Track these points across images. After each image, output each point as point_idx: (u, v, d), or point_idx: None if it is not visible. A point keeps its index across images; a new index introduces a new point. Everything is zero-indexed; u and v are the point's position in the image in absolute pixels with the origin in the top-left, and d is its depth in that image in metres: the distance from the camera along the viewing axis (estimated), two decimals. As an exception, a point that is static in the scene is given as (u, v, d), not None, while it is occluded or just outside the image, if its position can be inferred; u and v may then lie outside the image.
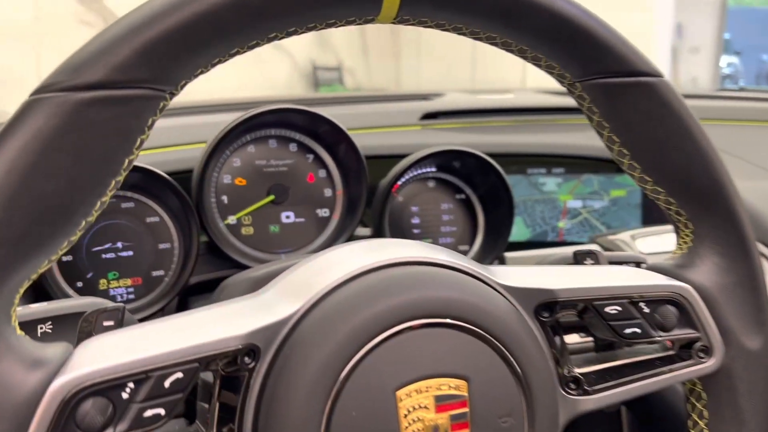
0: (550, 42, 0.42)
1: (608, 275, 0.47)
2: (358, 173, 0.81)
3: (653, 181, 0.46)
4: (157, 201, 0.73)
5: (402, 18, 0.40)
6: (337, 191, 0.83)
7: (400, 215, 0.83)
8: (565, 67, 0.44)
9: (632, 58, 0.43)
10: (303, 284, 0.39)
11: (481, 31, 0.42)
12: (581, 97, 0.45)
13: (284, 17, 0.37)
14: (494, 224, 0.83)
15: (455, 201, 0.84)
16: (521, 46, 0.43)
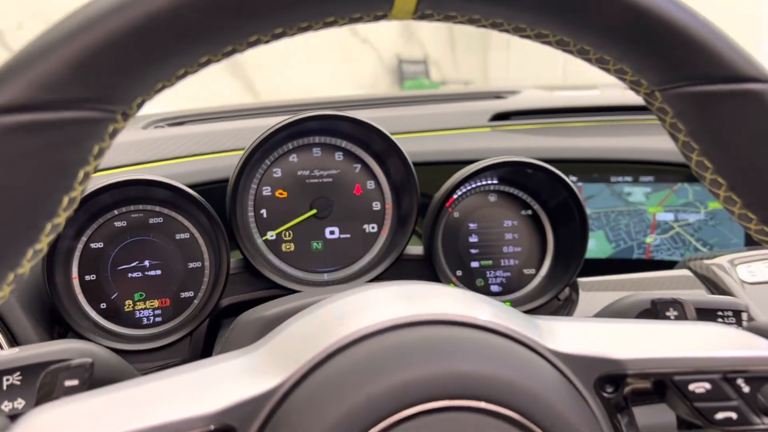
0: (618, 39, 0.32)
1: (695, 339, 0.36)
2: (408, 185, 0.72)
3: (758, 219, 0.35)
4: (187, 216, 0.67)
5: (423, 13, 0.32)
6: (387, 205, 0.75)
7: (455, 233, 0.74)
8: (640, 72, 0.34)
9: (733, 58, 0.32)
10: (296, 345, 0.32)
11: (527, 27, 0.33)
12: (662, 110, 0.34)
13: (267, 15, 0.29)
14: (566, 245, 0.73)
15: (520, 217, 0.74)
16: (581, 45, 0.33)
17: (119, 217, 0.65)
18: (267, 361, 0.32)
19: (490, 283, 0.74)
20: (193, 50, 0.29)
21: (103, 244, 0.65)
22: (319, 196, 0.74)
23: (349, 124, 0.71)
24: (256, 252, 0.71)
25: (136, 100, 0.29)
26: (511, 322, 0.34)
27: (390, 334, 0.32)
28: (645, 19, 0.31)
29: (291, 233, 0.73)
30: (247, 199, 0.72)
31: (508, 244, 0.74)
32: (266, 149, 0.72)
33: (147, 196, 0.66)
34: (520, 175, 0.72)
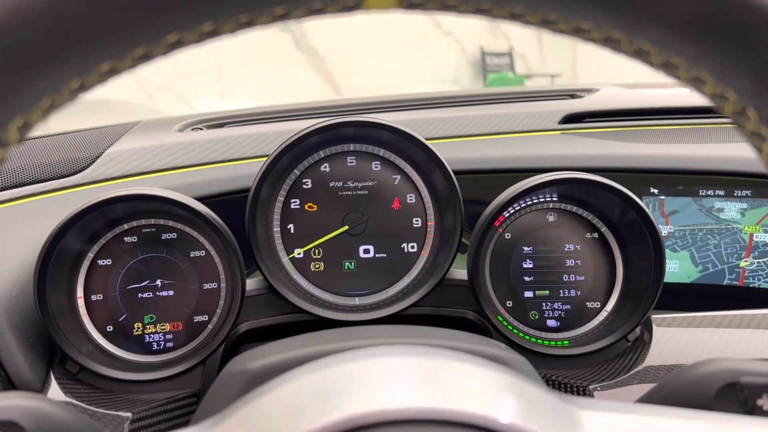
0: (691, 33, 0.23)
1: None
2: (451, 199, 0.63)
3: None
4: (203, 233, 0.61)
5: (412, 2, 0.23)
6: (429, 221, 0.66)
7: (507, 257, 0.64)
8: (725, 79, 0.24)
9: None
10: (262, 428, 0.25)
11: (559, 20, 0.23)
12: (757, 135, 0.24)
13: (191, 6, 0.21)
14: (638, 275, 0.61)
15: (584, 240, 0.63)
16: (638, 44, 0.24)
17: (129, 231, 0.60)
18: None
19: (547, 317, 0.64)
20: (87, 54, 0.21)
21: (111, 260, 0.59)
22: (353, 210, 0.66)
23: (387, 131, 0.63)
24: (280, 271, 0.64)
25: (15, 122, 0.22)
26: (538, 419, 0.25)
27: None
28: (728, 6, 0.21)
29: (321, 251, 0.66)
30: (273, 213, 0.65)
31: (569, 272, 0.64)
32: (295, 157, 0.65)
33: (160, 210, 0.60)
34: (584, 192, 0.61)
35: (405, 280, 0.66)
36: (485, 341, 0.43)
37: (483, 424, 0.25)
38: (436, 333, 0.43)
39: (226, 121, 0.91)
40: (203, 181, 0.74)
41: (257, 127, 0.87)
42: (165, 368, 0.58)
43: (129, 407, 0.54)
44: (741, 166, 0.83)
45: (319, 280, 0.66)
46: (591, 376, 0.58)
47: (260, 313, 0.64)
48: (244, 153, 0.79)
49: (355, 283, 0.66)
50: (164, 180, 0.73)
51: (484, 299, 0.62)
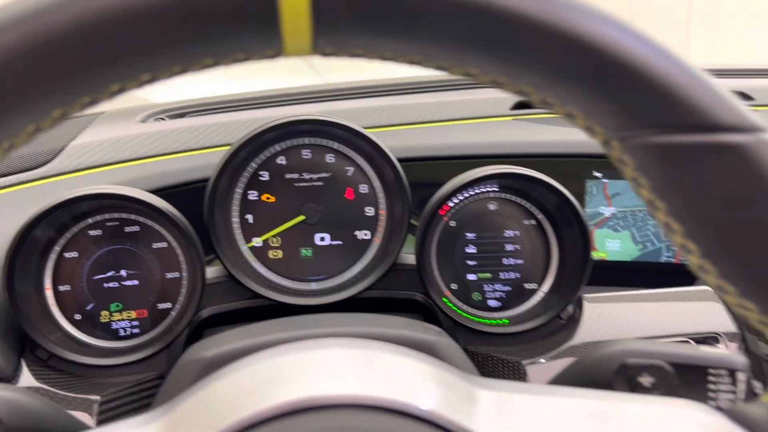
0: (561, 79, 0.27)
1: (659, 427, 0.31)
2: (399, 190, 0.67)
3: (738, 292, 0.29)
4: (164, 225, 0.64)
5: (324, 51, 0.27)
6: (380, 210, 0.70)
7: (452, 243, 0.68)
8: (592, 117, 0.28)
9: (708, 102, 0.26)
10: (199, 419, 0.29)
11: (452, 66, 0.27)
12: (622, 162, 0.29)
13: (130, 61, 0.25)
14: (571, 258, 0.66)
15: (523, 227, 0.68)
16: (519, 86, 0.28)
17: (94, 225, 0.63)
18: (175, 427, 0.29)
19: (488, 298, 0.69)
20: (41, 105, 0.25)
21: (77, 253, 0.63)
22: (309, 200, 0.70)
23: (338, 128, 0.67)
24: (239, 260, 0.68)
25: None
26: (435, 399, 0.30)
27: (293, 420, 0.28)
28: (592, 55, 0.26)
29: (278, 239, 0.70)
30: (232, 204, 0.69)
31: (509, 256, 0.69)
32: (252, 151, 0.68)
33: (122, 205, 0.63)
34: (521, 183, 0.66)
35: (359, 265, 0.70)
36: (420, 327, 0.47)
37: (381, 405, 0.29)
38: (376, 320, 0.48)
39: (188, 110, 0.94)
40: (165, 171, 0.77)
41: (219, 116, 0.90)
42: (131, 353, 0.62)
43: (98, 391, 0.58)
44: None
45: (278, 267, 0.70)
46: (526, 352, 0.64)
47: (222, 299, 0.68)
48: (205, 143, 0.82)
49: (312, 269, 0.70)
50: (127, 172, 0.76)
51: (430, 283, 0.66)
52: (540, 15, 0.25)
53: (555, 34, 0.25)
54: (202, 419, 0.29)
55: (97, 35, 0.23)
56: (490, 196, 0.68)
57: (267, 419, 0.28)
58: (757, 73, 1.11)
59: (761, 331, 0.29)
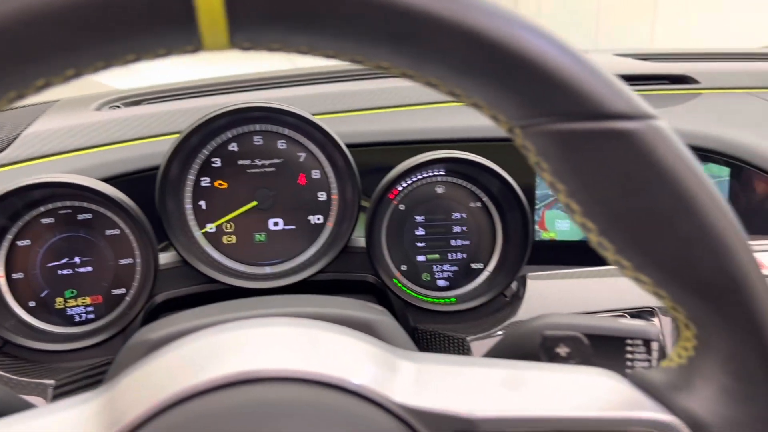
0: (464, 73, 0.29)
1: (564, 393, 0.33)
2: (349, 175, 0.69)
3: (633, 266, 0.31)
4: (116, 212, 0.65)
5: (242, 46, 0.28)
6: (333, 195, 0.72)
7: (401, 226, 0.71)
8: (495, 107, 0.30)
9: (598, 92, 0.28)
10: (129, 399, 0.31)
11: (366, 60, 0.29)
12: (525, 148, 0.31)
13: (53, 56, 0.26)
14: (514, 238, 0.69)
15: (469, 209, 0.71)
16: (427, 79, 0.30)
17: (47, 213, 0.64)
18: (102, 413, 0.30)
19: (437, 278, 0.71)
20: None
21: (30, 241, 0.64)
22: (262, 186, 0.71)
23: (289, 116, 0.68)
24: (192, 245, 0.69)
25: None
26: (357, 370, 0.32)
27: (210, 397, 0.30)
28: (491, 50, 0.28)
29: (232, 225, 0.71)
30: (184, 190, 0.70)
31: (456, 238, 0.71)
32: (203, 137, 0.69)
33: (74, 193, 0.64)
34: (467, 167, 0.68)
35: (312, 249, 0.72)
36: (361, 306, 0.49)
37: (305, 377, 0.31)
38: (319, 301, 0.50)
39: (144, 98, 0.94)
40: (119, 159, 0.78)
41: (174, 103, 0.91)
42: (87, 338, 0.64)
43: (53, 376, 0.59)
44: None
45: (232, 252, 0.71)
46: (472, 329, 0.66)
47: (177, 284, 0.69)
48: (159, 130, 0.83)
49: (266, 254, 0.72)
50: (81, 160, 0.77)
51: (380, 265, 0.69)
52: (441, 12, 0.27)
53: (456, 31, 0.27)
54: (139, 394, 0.31)
55: (19, 34, 0.25)
56: (438, 180, 0.70)
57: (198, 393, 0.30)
58: (702, 57, 1.15)
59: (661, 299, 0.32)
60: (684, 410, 0.32)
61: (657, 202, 0.29)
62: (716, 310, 0.30)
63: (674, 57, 1.15)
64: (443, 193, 0.70)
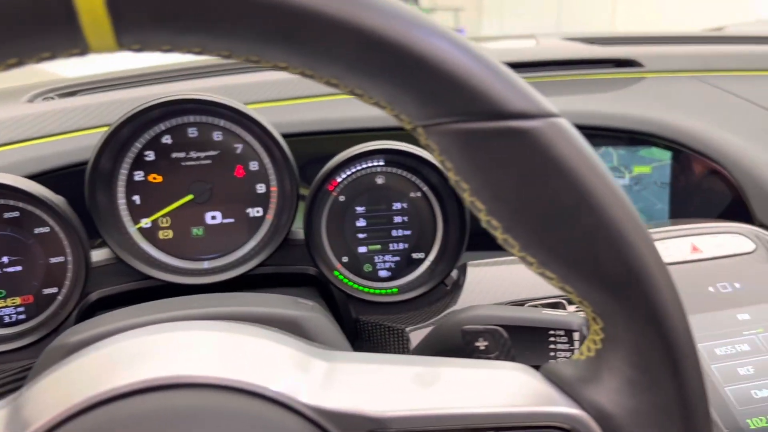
0: (363, 73, 0.28)
1: (477, 388, 0.33)
2: (286, 166, 0.68)
3: (538, 263, 0.31)
4: (45, 209, 0.63)
5: (131, 47, 0.27)
6: (272, 187, 0.71)
7: (341, 217, 0.70)
8: (396, 107, 0.30)
9: (496, 92, 0.28)
10: (39, 405, 0.30)
11: (262, 59, 0.28)
12: (429, 147, 0.31)
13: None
14: (454, 227, 0.69)
15: (410, 199, 0.70)
16: (327, 78, 0.29)
17: (-31, 212, 0.62)
18: (10, 420, 0.30)
19: (378, 269, 0.71)
20: None
21: (-47, 242, 0.61)
22: (198, 179, 0.70)
23: (223, 108, 0.67)
24: (126, 242, 0.68)
25: None
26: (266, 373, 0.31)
27: (120, 404, 0.29)
28: (386, 50, 0.27)
29: (168, 220, 0.70)
30: (117, 185, 0.68)
31: (397, 228, 0.71)
32: (136, 130, 0.67)
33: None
34: (407, 157, 0.68)
35: (251, 242, 0.71)
36: (289, 303, 0.49)
37: (216, 383, 0.31)
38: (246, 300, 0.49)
39: (80, 88, 0.91)
40: (52, 153, 0.75)
41: (111, 94, 0.88)
42: (18, 339, 0.62)
43: None
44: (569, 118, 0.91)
45: (169, 247, 0.70)
46: (413, 319, 0.66)
47: (112, 281, 0.68)
48: (95, 122, 0.80)
49: (204, 248, 0.71)
50: (11, 154, 0.74)
51: (320, 257, 0.68)
52: (332, 12, 0.26)
53: (349, 31, 0.26)
54: (46, 401, 0.30)
55: None
56: (378, 171, 0.69)
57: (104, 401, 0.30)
58: (648, 40, 1.16)
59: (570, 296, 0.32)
60: (591, 403, 0.32)
61: (557, 199, 0.29)
62: (619, 303, 0.31)
63: (621, 41, 1.15)
64: (383, 184, 0.70)
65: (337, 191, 0.69)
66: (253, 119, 0.66)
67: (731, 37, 1.24)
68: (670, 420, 0.31)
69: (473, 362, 0.35)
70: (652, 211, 0.92)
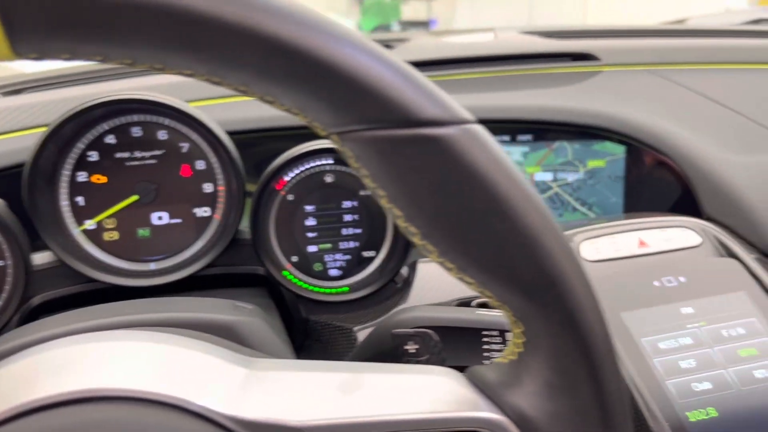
0: (271, 80, 0.28)
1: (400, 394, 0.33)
2: (232, 165, 0.67)
3: (457, 268, 0.31)
4: (-20, 212, 0.62)
5: (29, 56, 0.27)
6: (219, 186, 0.70)
7: (290, 217, 0.69)
8: (309, 114, 0.29)
9: (407, 99, 0.28)
10: None
11: (165, 67, 0.28)
12: (345, 153, 0.30)
13: None
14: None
15: (359, 197, 0.70)
16: (235, 86, 0.28)
17: None
18: None
19: (329, 268, 0.70)
20: None
21: None
22: (143, 179, 0.68)
23: (167, 109, 0.65)
24: (70, 244, 0.66)
25: None
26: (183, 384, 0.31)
27: (33, 418, 0.29)
28: (293, 57, 0.26)
29: (114, 221, 0.68)
30: (59, 187, 0.66)
31: (347, 226, 0.70)
32: (78, 130, 0.66)
33: None
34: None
35: (199, 243, 0.70)
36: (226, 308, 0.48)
37: (131, 395, 0.30)
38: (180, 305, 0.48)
39: (27, 86, 0.89)
40: None
41: (59, 92, 0.86)
42: None
43: None
44: (522, 113, 0.92)
45: (114, 249, 0.69)
46: (363, 318, 0.66)
47: (56, 284, 0.66)
48: (39, 121, 0.78)
49: (151, 249, 0.69)
50: None
51: (268, 257, 0.67)
52: (233, 19, 0.25)
53: (251, 37, 0.26)
54: None
55: None
56: (327, 169, 0.69)
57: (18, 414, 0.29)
58: (605, 33, 1.16)
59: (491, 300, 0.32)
60: (512, 407, 0.32)
61: (472, 205, 0.29)
62: (537, 307, 0.31)
63: (578, 34, 1.16)
64: (333, 182, 0.69)
65: (286, 190, 0.69)
66: (197, 119, 0.65)
67: (688, 30, 1.25)
68: (588, 423, 0.31)
69: (398, 367, 0.35)
70: (607, 205, 0.92)
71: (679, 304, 0.63)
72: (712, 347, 0.60)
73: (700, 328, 0.61)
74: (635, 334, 0.60)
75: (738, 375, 0.58)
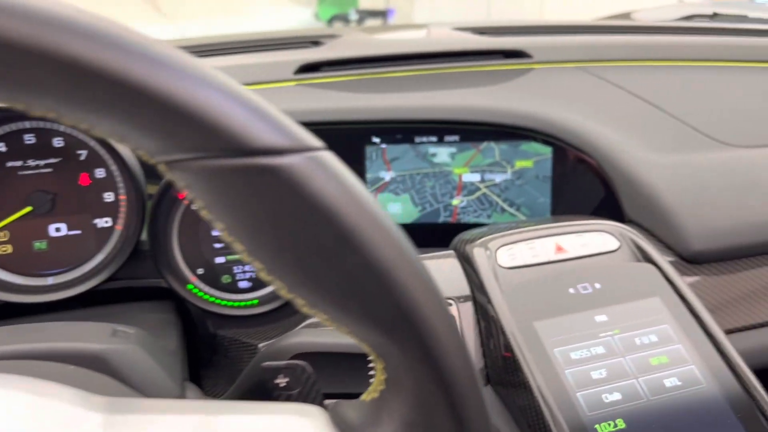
0: (80, 106, 0.25)
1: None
2: (131, 174, 0.64)
3: (308, 304, 0.29)
4: None
5: None
6: (120, 195, 0.66)
7: (195, 226, 0.66)
8: (131, 141, 0.26)
9: (238, 127, 0.25)
10: None
11: None
12: (176, 183, 0.27)
13: None
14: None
15: (269, 205, 0.67)
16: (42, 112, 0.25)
17: None
18: None
19: (238, 279, 0.67)
20: None
21: None
22: (37, 189, 0.64)
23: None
24: (-45, 261, 0.62)
25: None
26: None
27: None
28: (96, 80, 0.23)
29: (6, 234, 0.64)
30: (-56, 200, 0.62)
31: (257, 235, 0.67)
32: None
33: None
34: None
35: (100, 255, 0.66)
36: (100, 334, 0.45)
37: None
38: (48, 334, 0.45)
39: None
40: None
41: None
42: None
43: None
44: (449, 114, 0.90)
45: (8, 263, 0.65)
46: (273, 332, 0.63)
47: None
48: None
49: (48, 263, 0.66)
50: None
51: (170, 270, 0.64)
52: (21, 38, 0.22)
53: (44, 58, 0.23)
54: None
55: None
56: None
57: None
58: (539, 30, 1.15)
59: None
60: None
61: (318, 239, 0.27)
62: (395, 344, 0.29)
63: (511, 30, 1.14)
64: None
65: (189, 198, 0.65)
66: None
67: (621, 26, 1.25)
68: None
69: (258, 407, 0.33)
70: (535, 206, 0.91)
71: (593, 311, 0.62)
72: (624, 356, 0.59)
73: (613, 337, 0.60)
74: (547, 344, 0.59)
75: (648, 384, 0.57)
